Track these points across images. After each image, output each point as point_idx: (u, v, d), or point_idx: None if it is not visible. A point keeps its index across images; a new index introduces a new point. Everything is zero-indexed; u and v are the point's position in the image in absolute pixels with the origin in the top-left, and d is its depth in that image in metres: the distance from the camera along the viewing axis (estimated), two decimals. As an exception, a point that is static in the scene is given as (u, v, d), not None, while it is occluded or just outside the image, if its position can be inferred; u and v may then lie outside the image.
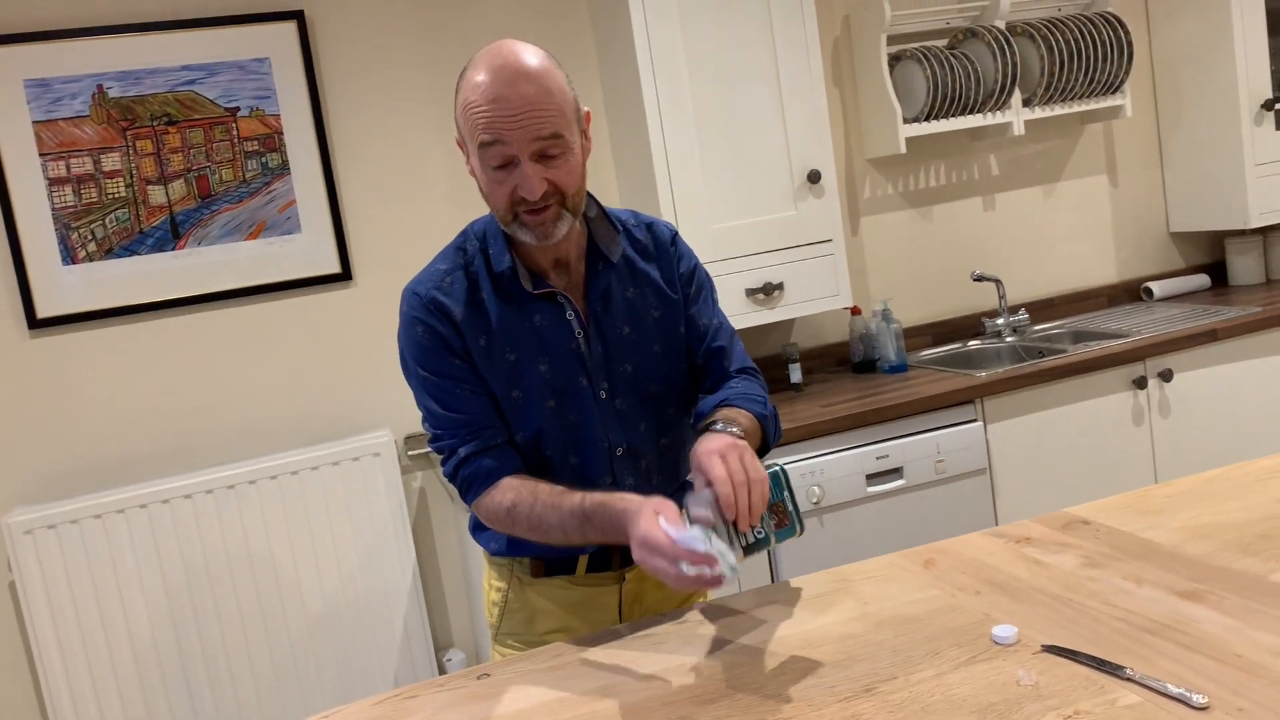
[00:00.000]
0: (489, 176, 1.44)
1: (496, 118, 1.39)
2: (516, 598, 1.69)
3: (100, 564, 2.68)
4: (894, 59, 3.33)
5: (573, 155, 1.45)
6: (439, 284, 1.54)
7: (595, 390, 1.58)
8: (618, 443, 1.60)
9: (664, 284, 1.64)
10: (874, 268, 3.52)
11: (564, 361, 1.56)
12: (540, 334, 1.55)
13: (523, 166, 1.41)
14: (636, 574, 1.67)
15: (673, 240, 1.68)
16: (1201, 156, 3.68)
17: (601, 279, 1.58)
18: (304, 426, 2.99)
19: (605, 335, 1.58)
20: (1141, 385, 3.08)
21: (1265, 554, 1.43)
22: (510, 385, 1.54)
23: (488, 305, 1.54)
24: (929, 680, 1.22)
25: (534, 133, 1.39)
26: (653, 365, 1.62)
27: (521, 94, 1.38)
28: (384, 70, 3.00)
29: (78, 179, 2.73)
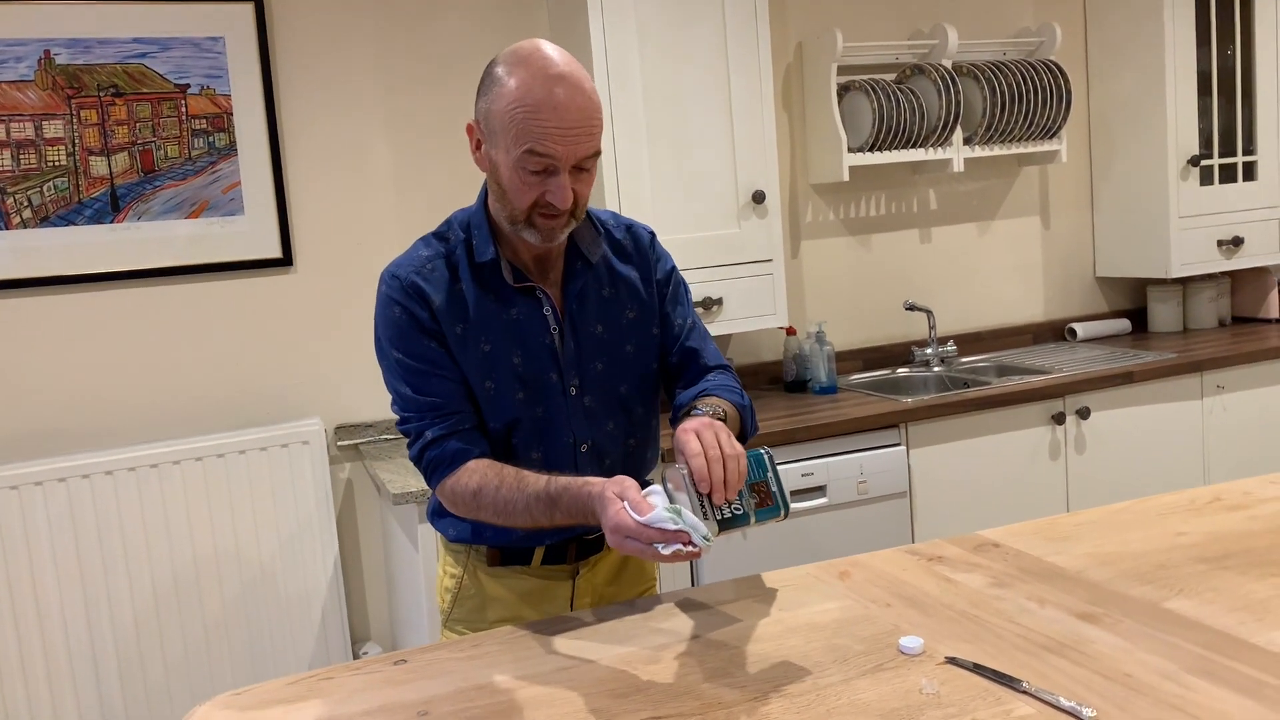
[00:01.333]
0: (520, 178, 1.45)
1: (552, 129, 1.41)
2: (471, 584, 1.70)
3: (13, 536, 2.63)
4: (843, 89, 3.41)
5: (595, 167, 1.50)
6: (419, 269, 1.56)
7: (565, 385, 1.60)
8: (583, 439, 1.63)
9: (640, 285, 1.67)
10: (811, 290, 3.59)
11: (537, 355, 1.58)
12: (516, 326, 1.57)
13: (561, 177, 1.44)
14: (590, 567, 1.70)
15: (651, 243, 1.71)
16: (1130, 205, 3.82)
17: (579, 277, 1.61)
18: (233, 410, 2.96)
19: (579, 332, 1.61)
20: (1060, 421, 3.19)
21: (1160, 583, 1.50)
22: (484, 375, 1.57)
23: (466, 294, 1.56)
24: (836, 685, 1.26)
25: (583, 150, 1.44)
26: (624, 365, 1.65)
27: (580, 109, 1.42)
28: (338, 60, 2.99)
29: (17, 144, 2.69)
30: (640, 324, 1.67)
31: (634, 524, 1.29)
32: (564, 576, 1.69)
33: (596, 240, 1.62)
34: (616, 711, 1.24)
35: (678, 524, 1.27)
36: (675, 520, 1.27)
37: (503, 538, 1.65)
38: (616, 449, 1.67)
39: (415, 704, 1.30)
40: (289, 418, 2.99)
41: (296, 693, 1.35)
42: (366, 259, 3.05)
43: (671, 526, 1.27)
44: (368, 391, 3.07)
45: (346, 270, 3.04)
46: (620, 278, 1.66)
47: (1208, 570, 1.53)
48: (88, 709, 2.71)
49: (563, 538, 1.65)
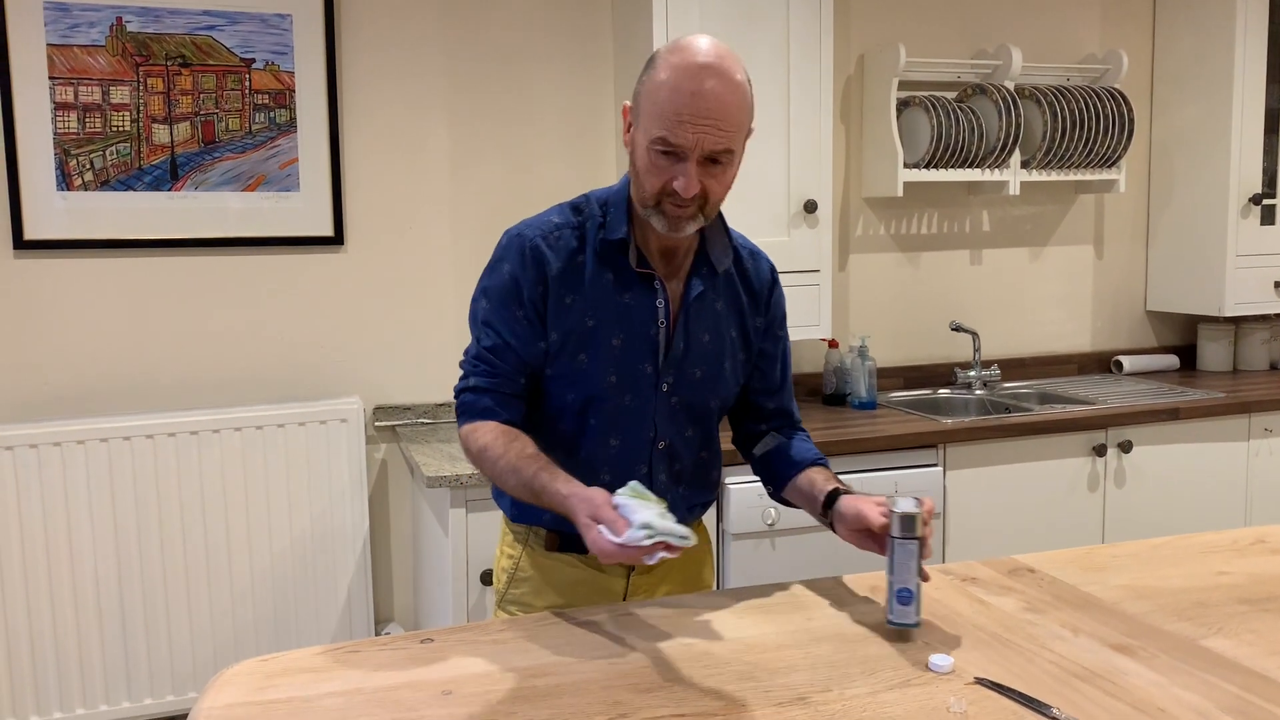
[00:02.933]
0: (651, 159, 1.48)
1: (685, 114, 1.43)
2: (528, 566, 1.71)
3: (53, 492, 2.67)
4: (902, 104, 3.38)
5: (732, 168, 1.51)
6: (547, 234, 1.59)
7: (659, 380, 1.62)
8: (663, 436, 1.65)
9: (748, 313, 1.69)
10: (856, 304, 3.57)
11: (639, 342, 1.60)
12: (626, 309, 1.59)
13: (688, 164, 1.46)
14: (644, 567, 1.68)
15: (772, 279, 1.73)
16: (1186, 241, 3.76)
17: (703, 281, 1.63)
18: (275, 383, 2.99)
19: (689, 333, 1.63)
20: (1101, 453, 3.14)
21: (1199, 620, 1.47)
22: (580, 348, 1.58)
23: (586, 267, 1.59)
24: (863, 696, 1.25)
25: (711, 143, 1.45)
26: (718, 380, 1.67)
27: (718, 101, 1.44)
28: (401, 44, 3.02)
29: (84, 107, 2.73)
30: (737, 346, 1.69)
31: (614, 547, 1.32)
32: (619, 571, 1.70)
33: (727, 250, 1.64)
34: (639, 706, 1.24)
35: (654, 538, 1.30)
36: (651, 535, 1.30)
37: (561, 522, 1.62)
38: (690, 455, 1.70)
39: (439, 683, 1.30)
40: (329, 395, 3.01)
41: (323, 663, 1.36)
42: (417, 243, 3.07)
43: (648, 543, 1.30)
44: (409, 375, 3.09)
45: (396, 253, 3.06)
46: (736, 298, 1.68)
47: (1249, 611, 1.50)
48: (113, 666, 2.74)
49: None
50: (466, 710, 1.23)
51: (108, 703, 2.75)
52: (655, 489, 1.60)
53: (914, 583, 1.40)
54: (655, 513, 1.33)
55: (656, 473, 1.65)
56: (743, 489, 2.77)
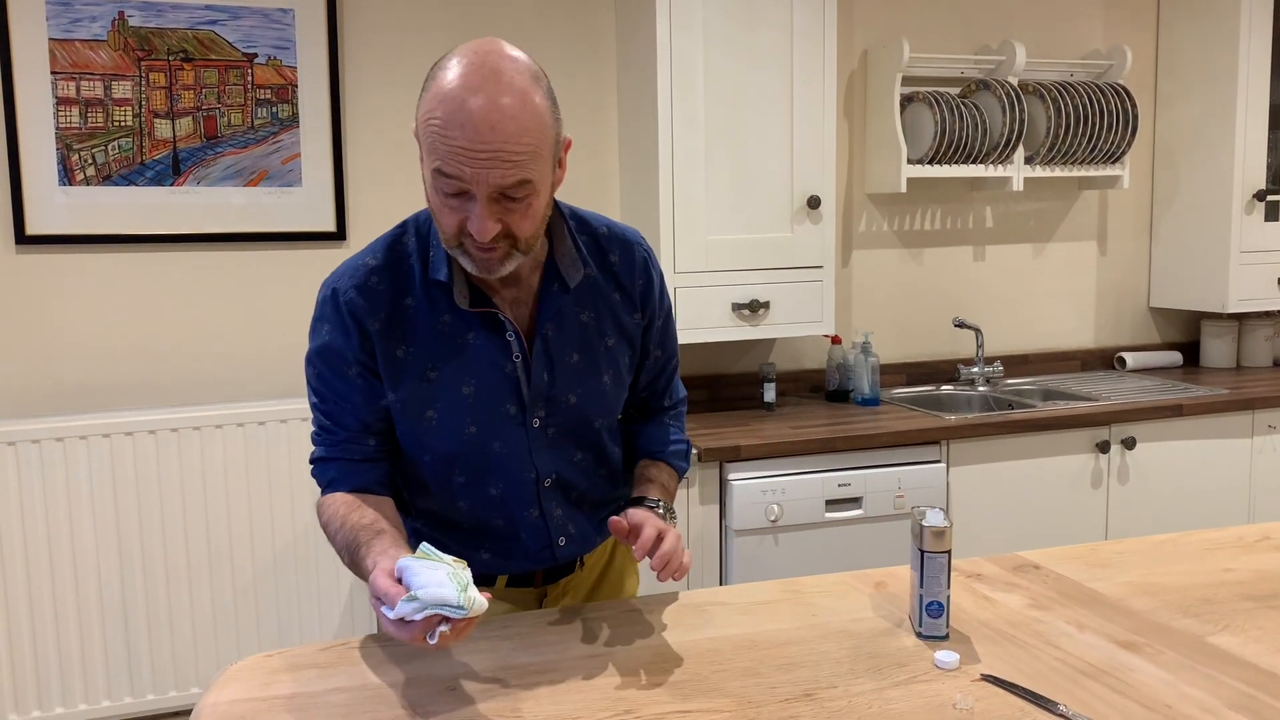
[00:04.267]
0: (438, 199, 1.28)
1: (459, 151, 1.21)
2: None
3: (55, 488, 2.66)
4: (906, 99, 3.38)
5: (536, 199, 1.29)
6: (362, 283, 1.40)
7: (527, 418, 1.46)
8: (546, 473, 1.50)
9: (623, 311, 1.52)
10: (859, 300, 3.56)
11: (494, 385, 1.43)
12: (471, 352, 1.42)
13: (477, 205, 1.25)
14: (559, 590, 1.63)
15: (645, 262, 1.54)
16: (1190, 237, 3.75)
17: (556, 299, 1.44)
18: (277, 379, 2.98)
19: (553, 361, 1.46)
20: (1104, 449, 3.14)
21: (1205, 617, 1.47)
22: (425, 404, 1.42)
23: (414, 314, 1.40)
24: (868, 693, 1.25)
25: (498, 179, 1.23)
26: (599, 397, 1.51)
27: (494, 131, 1.21)
28: (404, 41, 3.01)
29: (86, 102, 2.72)
30: (617, 352, 1.52)
31: (390, 627, 1.16)
32: (531, 601, 1.61)
33: (576, 264, 1.44)
34: (645, 702, 1.23)
35: (424, 610, 1.14)
36: (421, 608, 1.14)
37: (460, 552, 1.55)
38: (586, 480, 1.56)
39: (444, 679, 1.30)
40: (331, 391, 3.00)
41: (328, 659, 1.36)
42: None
43: (419, 617, 1.14)
44: (410, 370, 3.08)
45: (398, 248, 3.05)
46: (604, 300, 1.49)
47: (1255, 608, 1.49)
48: (115, 661, 2.74)
49: (526, 568, 1.57)
50: (471, 707, 1.22)
51: (110, 698, 2.75)
52: (550, 526, 1.53)
53: (944, 595, 1.40)
54: (444, 573, 1.17)
55: (549, 510, 1.52)
56: (745, 485, 2.76)
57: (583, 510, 1.58)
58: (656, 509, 1.49)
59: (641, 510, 1.46)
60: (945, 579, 1.40)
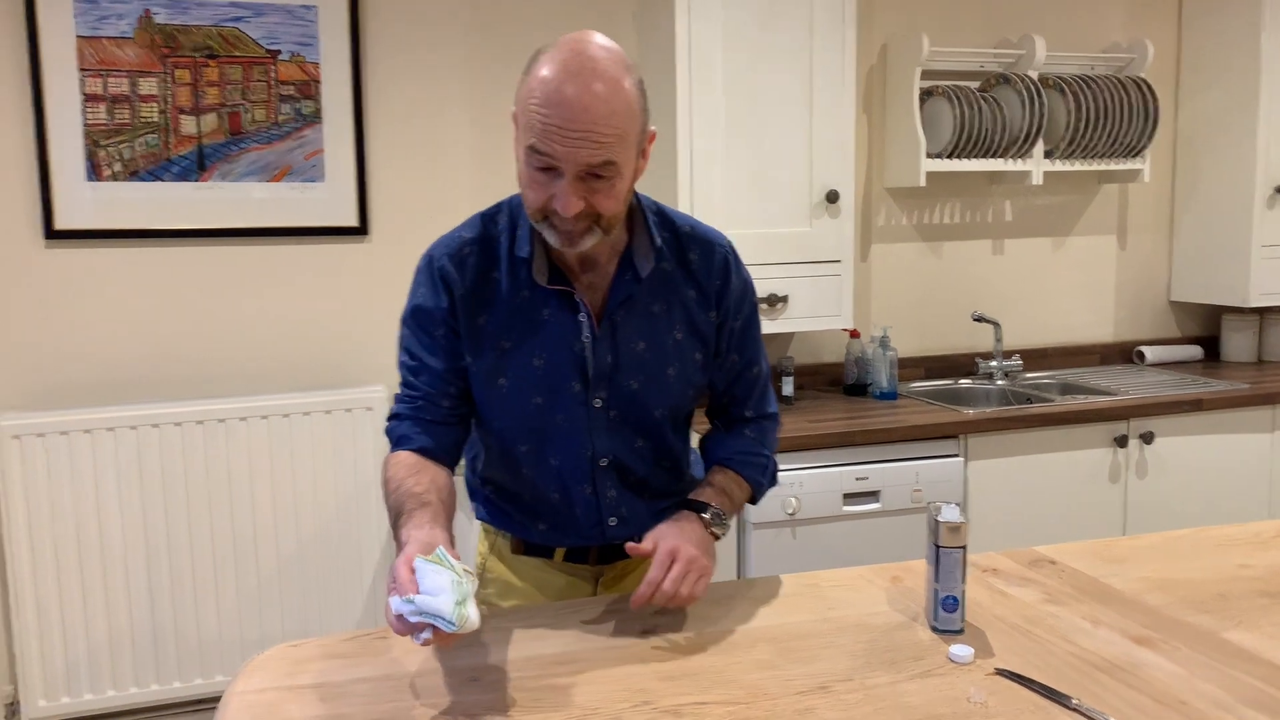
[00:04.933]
0: (529, 174, 1.36)
1: (552, 128, 1.30)
2: (494, 567, 1.70)
3: (83, 479, 2.71)
4: (925, 93, 3.38)
5: (620, 180, 1.36)
6: (455, 252, 1.51)
7: (589, 397, 1.52)
8: (603, 453, 1.55)
9: (696, 307, 1.55)
10: (878, 294, 3.57)
11: (562, 361, 1.50)
12: (544, 327, 1.49)
13: (564, 182, 1.33)
14: (615, 572, 1.68)
15: (725, 263, 1.58)
16: (1210, 230, 3.74)
17: (628, 286, 1.50)
18: (300, 371, 3.02)
19: (618, 346, 1.51)
20: (1122, 444, 3.14)
21: (1220, 613, 1.48)
22: (497, 373, 1.50)
23: (499, 285, 1.49)
24: (883, 686, 1.27)
25: (586, 157, 1.31)
26: (661, 388, 1.55)
27: (586, 111, 1.29)
28: (427, 37, 3.03)
29: (113, 98, 2.76)
30: (685, 347, 1.56)
31: (389, 617, 1.20)
32: (587, 577, 1.67)
33: (649, 254, 1.50)
34: (663, 693, 1.25)
35: (418, 616, 1.17)
36: (414, 613, 1.17)
37: (523, 532, 1.64)
38: (645, 467, 1.60)
39: (466, 670, 1.32)
40: (354, 383, 3.04)
41: (351, 649, 1.39)
42: (440, 233, 3.07)
43: (413, 619, 1.17)
44: (431, 363, 3.11)
45: (420, 243, 3.03)
46: (676, 296, 1.54)
47: (1270, 604, 1.50)
48: (142, 649, 2.79)
49: (582, 543, 1.62)
50: (494, 696, 1.25)
51: (137, 685, 2.80)
52: (601, 505, 1.58)
53: (959, 590, 1.41)
54: (449, 580, 1.19)
55: (603, 490, 1.57)
56: (764, 478, 2.78)
57: (642, 497, 1.61)
58: (702, 514, 1.54)
59: (675, 529, 1.49)
60: (960, 574, 1.41)
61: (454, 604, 1.16)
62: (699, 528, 1.51)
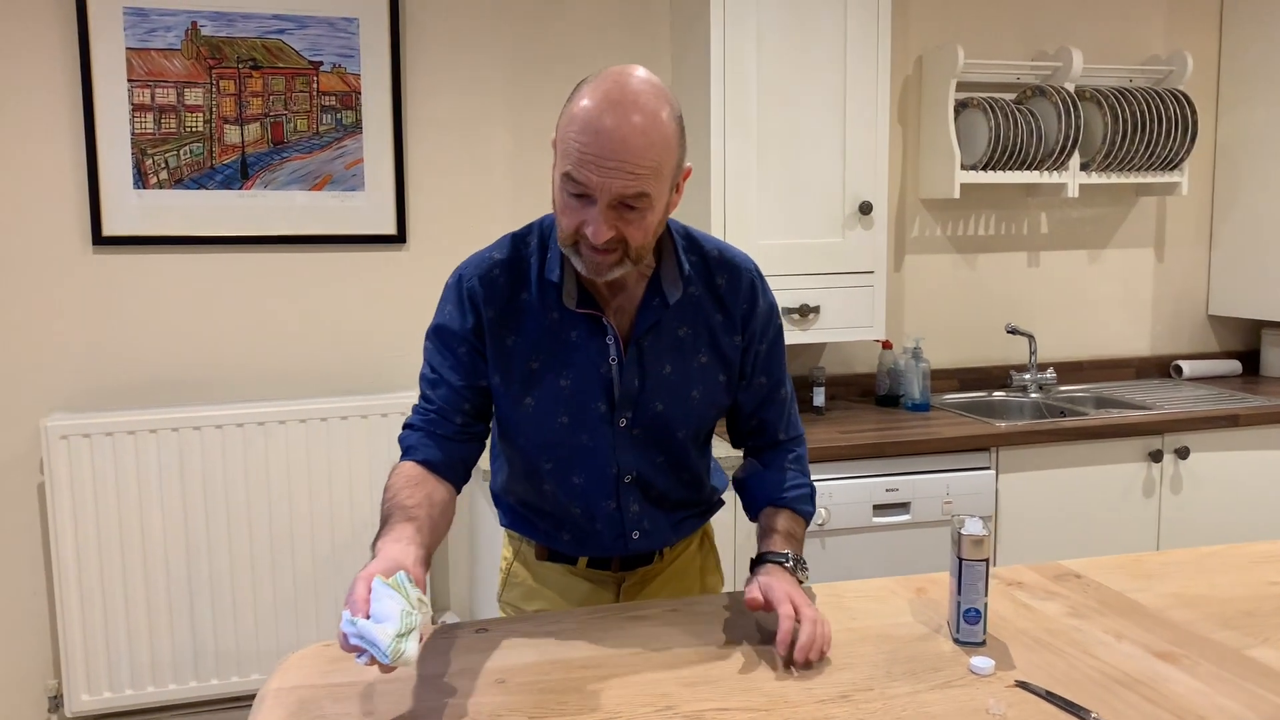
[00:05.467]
0: (563, 200, 1.39)
1: (588, 156, 1.32)
2: (520, 571, 1.74)
3: (127, 478, 2.78)
4: (960, 105, 3.38)
5: (651, 213, 1.38)
6: (485, 273, 1.52)
7: (615, 417, 1.54)
8: (627, 470, 1.58)
9: (721, 332, 1.58)
10: (911, 305, 3.57)
11: (589, 382, 1.52)
12: (572, 349, 1.52)
13: (596, 210, 1.35)
14: (638, 579, 1.71)
15: (752, 286, 1.60)
16: (1251, 244, 3.70)
17: (655, 312, 1.52)
18: (338, 377, 3.07)
19: (645, 369, 1.53)
20: (1157, 459, 3.12)
21: (1246, 629, 1.47)
22: (524, 392, 1.53)
23: (527, 307, 1.52)
24: (904, 696, 1.28)
25: (619, 188, 1.33)
26: (686, 410, 1.58)
27: (623, 143, 1.31)
28: (466, 51, 3.08)
29: (160, 108, 2.83)
30: (710, 370, 1.58)
31: (339, 631, 1.19)
32: (610, 583, 1.70)
33: (677, 283, 1.52)
34: (685, 699, 1.28)
35: (356, 639, 1.16)
36: (354, 635, 1.16)
37: (548, 540, 1.67)
38: (667, 481, 1.62)
39: (494, 671, 1.35)
40: (390, 389, 3.09)
41: (383, 650, 1.42)
42: (477, 242, 3.07)
43: (351, 640, 1.16)
44: (466, 370, 3.15)
45: (457, 252, 3.08)
46: (703, 319, 1.56)
47: (1296, 622, 1.50)
48: (181, 647, 2.85)
49: (606, 553, 1.66)
50: (519, 699, 1.28)
51: (176, 682, 2.86)
52: (625, 519, 1.60)
53: (981, 602, 1.43)
54: (399, 609, 1.17)
55: (626, 505, 1.60)
56: (793, 488, 2.79)
57: (662, 509, 1.64)
58: (785, 564, 1.53)
59: (775, 580, 1.47)
60: (983, 586, 1.43)
61: (393, 636, 1.15)
62: (790, 578, 1.50)
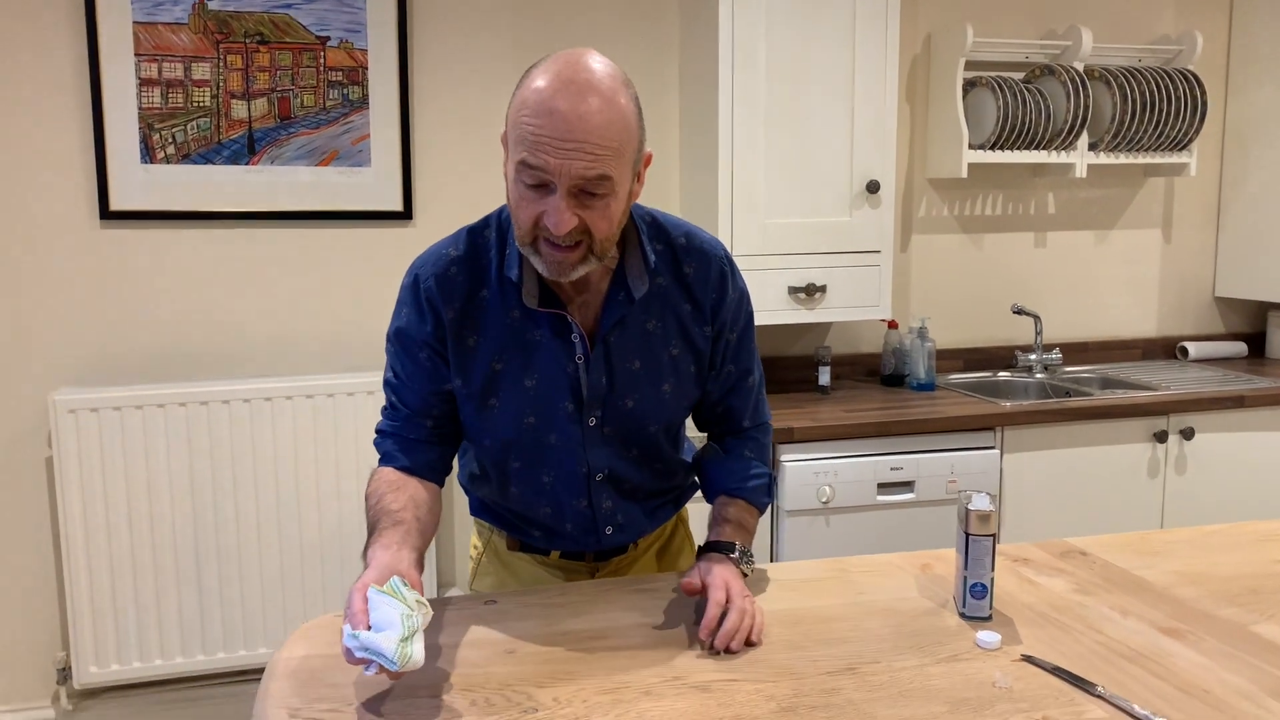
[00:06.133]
0: (518, 193, 1.32)
1: (545, 139, 1.25)
2: (490, 562, 1.71)
3: (134, 453, 2.79)
4: (969, 84, 3.36)
5: (615, 200, 1.31)
6: (442, 272, 1.45)
7: (584, 417, 1.49)
8: (599, 468, 1.53)
9: (691, 322, 1.51)
10: (917, 285, 3.57)
11: (555, 382, 1.47)
12: (536, 349, 1.46)
13: (556, 198, 1.28)
14: (611, 570, 1.68)
15: (721, 274, 1.53)
16: (1258, 225, 3.69)
17: (621, 307, 1.45)
18: (345, 353, 3.08)
19: (612, 367, 1.48)
20: (1162, 439, 3.12)
21: (1250, 606, 1.48)
22: (488, 393, 1.47)
23: (487, 306, 1.45)
24: (909, 669, 1.29)
25: (580, 170, 1.26)
26: (658, 404, 1.52)
27: (581, 121, 1.25)
28: (472, 28, 3.07)
29: (167, 83, 2.83)
30: (681, 362, 1.53)
31: (342, 647, 1.17)
32: (583, 573, 1.65)
33: (642, 276, 1.44)
34: (693, 669, 1.29)
35: (363, 652, 1.15)
36: (359, 648, 1.15)
37: (518, 533, 1.63)
38: (639, 474, 1.58)
39: (503, 642, 1.36)
40: (396, 365, 3.10)
41: (393, 621, 1.43)
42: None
43: (357, 654, 1.16)
44: (472, 347, 3.16)
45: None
46: (671, 311, 1.50)
47: (1301, 599, 1.51)
48: (188, 619, 2.87)
49: (576, 547, 1.63)
50: (530, 669, 1.29)
51: (183, 655, 2.88)
52: (597, 516, 1.57)
53: (988, 577, 1.43)
54: (399, 614, 1.17)
55: (598, 502, 1.55)
56: (798, 466, 2.80)
57: (635, 500, 1.61)
58: (730, 554, 1.49)
59: (717, 567, 1.44)
60: (989, 561, 1.43)
61: (398, 641, 1.15)
62: (732, 568, 1.46)
